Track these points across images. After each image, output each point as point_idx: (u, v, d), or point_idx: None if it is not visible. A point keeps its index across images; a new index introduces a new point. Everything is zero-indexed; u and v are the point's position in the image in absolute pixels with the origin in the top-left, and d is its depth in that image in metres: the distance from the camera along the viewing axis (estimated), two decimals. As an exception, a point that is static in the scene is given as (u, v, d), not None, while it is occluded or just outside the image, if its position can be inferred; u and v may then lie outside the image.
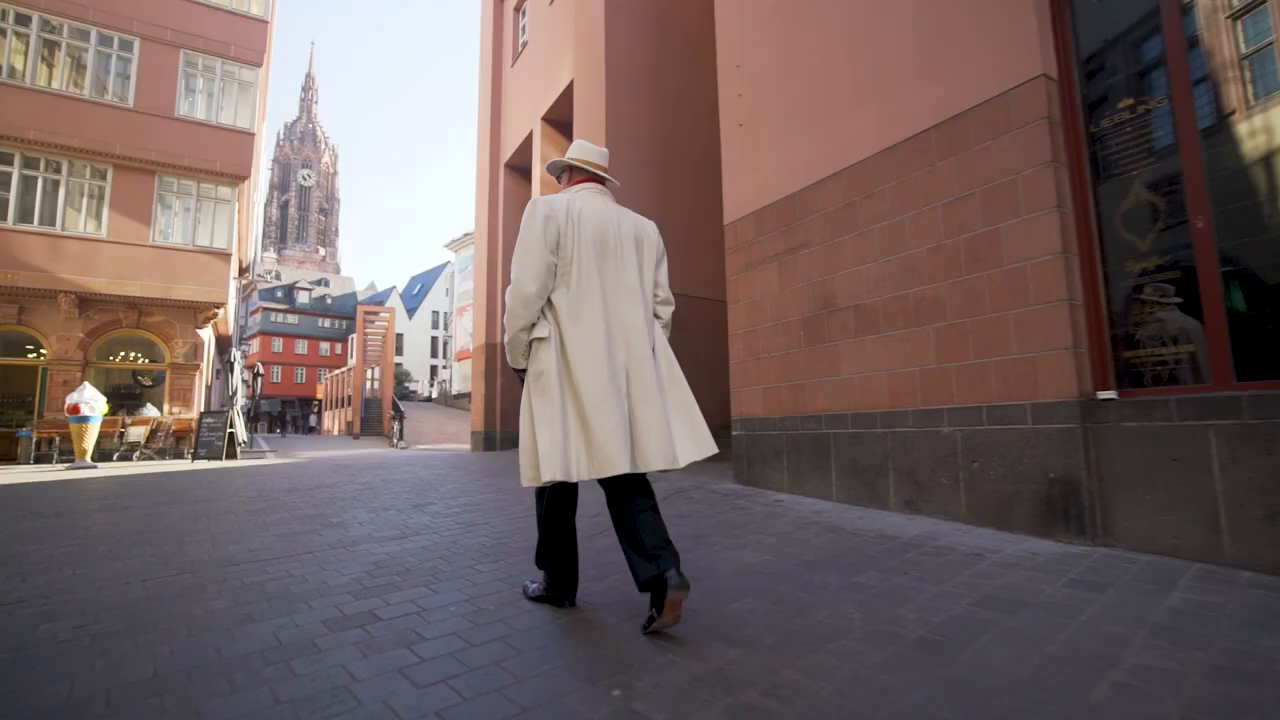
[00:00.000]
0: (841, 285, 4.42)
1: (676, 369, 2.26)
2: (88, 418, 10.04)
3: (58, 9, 12.68)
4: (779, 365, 4.91)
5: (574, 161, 2.32)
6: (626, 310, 2.14)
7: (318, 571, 2.91)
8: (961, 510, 3.51)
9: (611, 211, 2.24)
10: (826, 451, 4.43)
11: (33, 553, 3.49)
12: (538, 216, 2.08)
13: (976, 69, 3.58)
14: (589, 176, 2.32)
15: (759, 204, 5.23)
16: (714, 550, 3.14)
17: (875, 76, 4.26)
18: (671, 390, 2.20)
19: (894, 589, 2.42)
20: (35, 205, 12.32)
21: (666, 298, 2.35)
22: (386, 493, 5.62)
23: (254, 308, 53.90)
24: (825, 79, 4.68)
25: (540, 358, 2.08)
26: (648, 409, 2.07)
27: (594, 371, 2.02)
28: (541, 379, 2.06)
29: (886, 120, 4.16)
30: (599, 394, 2.00)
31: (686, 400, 2.22)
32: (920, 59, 3.95)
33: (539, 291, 2.06)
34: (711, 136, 9.04)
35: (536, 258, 2.05)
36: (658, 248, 2.34)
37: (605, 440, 1.97)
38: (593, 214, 2.17)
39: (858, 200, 4.34)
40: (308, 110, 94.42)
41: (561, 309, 2.08)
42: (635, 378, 2.09)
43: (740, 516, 3.94)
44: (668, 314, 2.36)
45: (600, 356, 2.04)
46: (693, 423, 2.20)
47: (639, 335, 2.13)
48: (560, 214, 2.10)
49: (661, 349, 2.25)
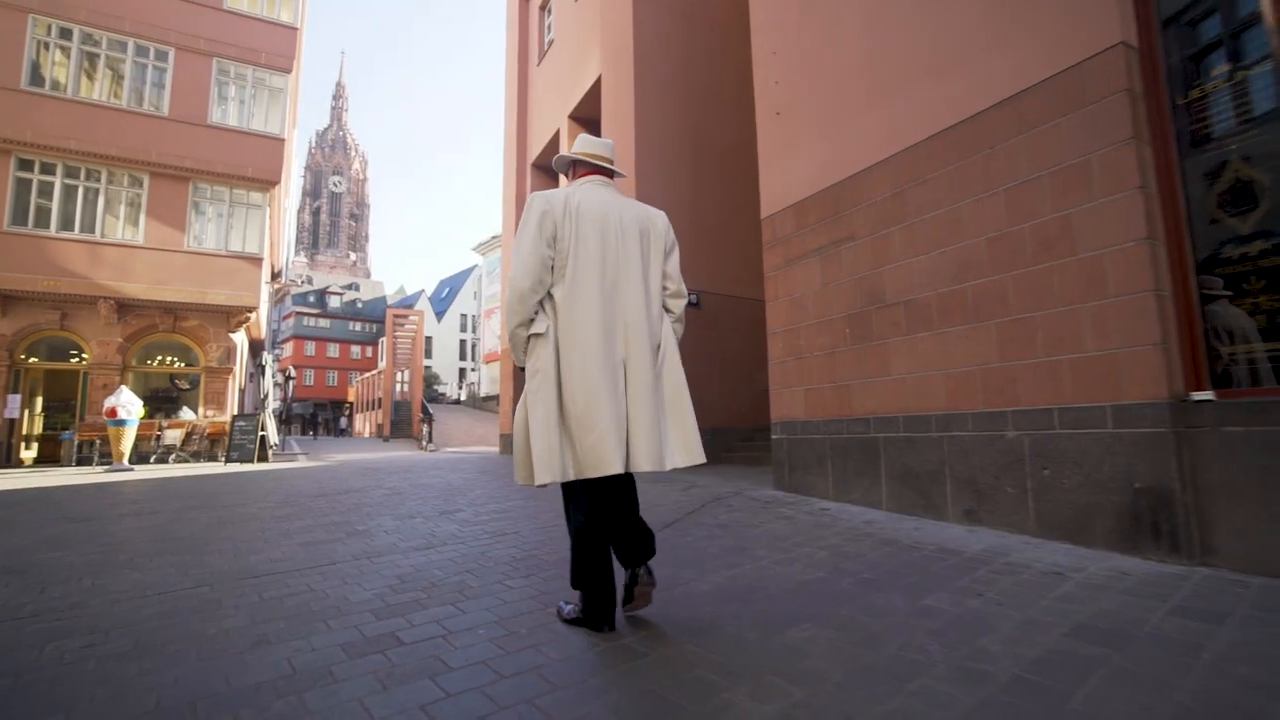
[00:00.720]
0: (891, 279, 4.14)
1: (679, 370, 2.18)
2: (125, 421, 10.18)
3: (97, 21, 12.95)
4: (822, 365, 4.64)
5: (578, 155, 2.28)
6: (627, 303, 2.08)
7: (339, 586, 2.75)
8: (1030, 522, 3.21)
9: (614, 202, 2.17)
10: (875, 457, 4.15)
11: (56, 561, 3.41)
12: (534, 211, 2.05)
13: (1044, 40, 3.28)
14: (593, 169, 2.27)
15: (798, 196, 4.96)
16: (761, 565, 2.89)
17: (926, 56, 3.98)
18: (670, 391, 2.13)
19: (970, 615, 2.15)
20: (76, 213, 12.59)
21: (678, 290, 2.25)
22: (414, 498, 5.49)
23: (287, 312, 55.06)
24: (871, 61, 4.41)
25: (537, 354, 2.03)
26: (638, 407, 2.02)
27: (589, 367, 1.97)
28: (538, 375, 2.01)
29: (940, 102, 3.87)
30: (592, 390, 1.95)
31: (683, 404, 2.14)
32: (978, 33, 3.66)
33: (533, 286, 2.01)
34: (743, 128, 8.79)
35: (530, 253, 2.01)
36: (666, 238, 2.25)
37: (598, 439, 1.92)
38: (593, 206, 2.11)
39: (908, 188, 4.06)
40: (338, 118, 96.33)
41: (560, 303, 2.03)
42: (632, 373, 2.04)
43: (785, 527, 3.69)
44: (679, 307, 2.27)
45: (596, 351, 1.99)
46: (685, 428, 2.12)
47: (639, 329, 2.07)
48: (557, 208, 2.05)
49: (669, 347, 2.18)
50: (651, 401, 2.04)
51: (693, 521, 3.96)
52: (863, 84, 4.46)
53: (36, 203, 12.40)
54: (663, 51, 8.39)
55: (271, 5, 14.65)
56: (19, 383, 12.45)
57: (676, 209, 8.01)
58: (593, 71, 9.81)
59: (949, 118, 3.79)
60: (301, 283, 59.67)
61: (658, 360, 2.12)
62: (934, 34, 3.94)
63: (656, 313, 2.16)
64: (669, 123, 8.25)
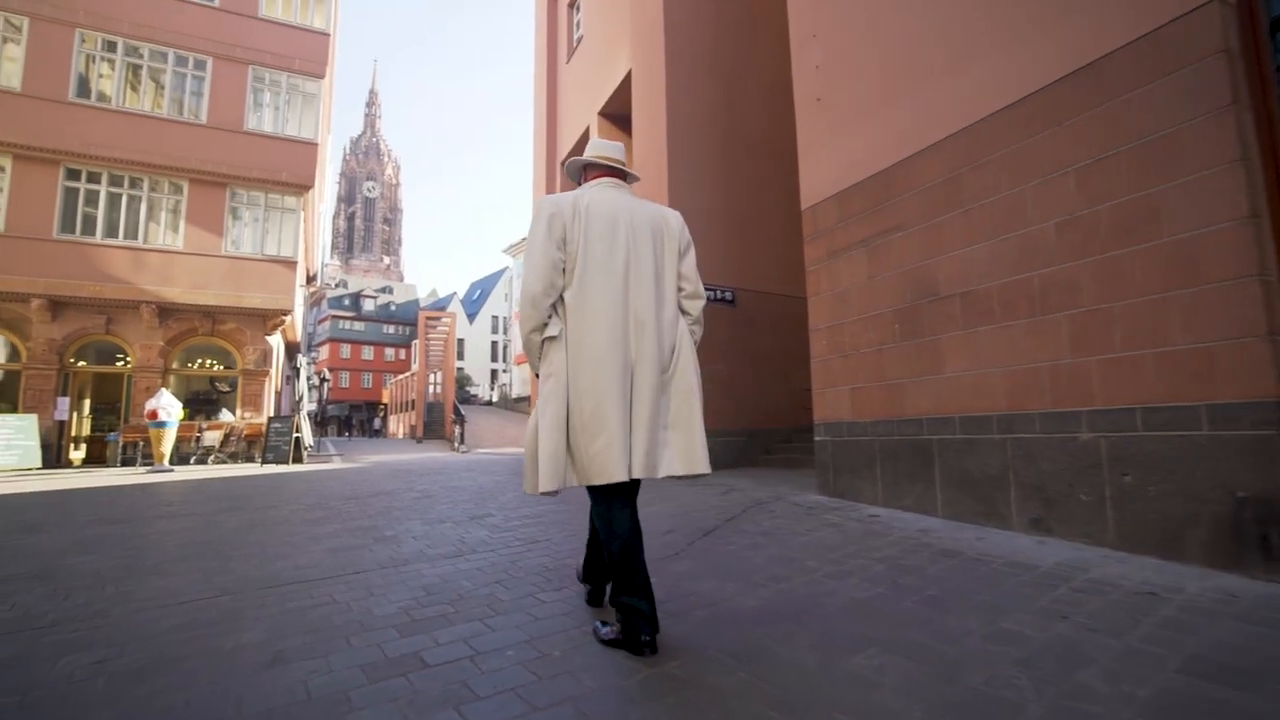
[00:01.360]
0: (944, 271, 3.86)
1: (692, 375, 2.09)
2: (165, 423, 10.36)
3: (140, 34, 13.28)
4: (870, 363, 4.38)
5: (588, 159, 2.23)
6: (638, 305, 2.02)
7: (364, 597, 2.61)
8: (1109, 533, 2.91)
9: (625, 203, 2.12)
10: (929, 460, 3.88)
11: (84, 565, 3.36)
12: (543, 214, 2.01)
13: (1126, 1, 2.98)
14: (604, 171, 2.22)
15: (841, 185, 4.70)
16: (812, 579, 2.67)
17: (982, 29, 3.70)
18: (678, 396, 2.06)
19: (1059, 642, 1.90)
20: (120, 221, 12.92)
21: (694, 290, 2.18)
22: (444, 501, 5.38)
23: (323, 315, 56.27)
24: (919, 39, 4.14)
25: (551, 358, 2.00)
26: (640, 411, 1.96)
27: (597, 370, 1.93)
28: (551, 379, 1.97)
29: (997, 78, 3.59)
30: (601, 395, 1.91)
31: (689, 410, 2.05)
32: (1042, 1, 3.37)
33: (545, 290, 1.98)
34: (778, 120, 8.52)
35: (541, 256, 1.97)
36: (680, 238, 2.19)
37: (604, 446, 1.88)
38: (603, 206, 2.06)
39: (963, 173, 3.78)
40: (371, 125, 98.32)
41: (570, 306, 1.99)
42: (639, 377, 1.99)
43: (834, 535, 3.44)
44: (697, 309, 2.19)
45: (604, 355, 1.94)
46: (689, 435, 2.03)
47: (649, 332, 2.01)
48: (566, 210, 2.02)
49: (683, 350, 2.10)
50: (652, 406, 1.97)
51: (734, 529, 3.74)
52: (910, 66, 4.19)
53: (83, 211, 12.76)
54: (694, 43, 8.18)
55: (305, 12, 14.86)
56: (68, 386, 12.82)
57: (709, 204, 7.79)
58: (622, 67, 9.65)
59: (1010, 94, 3.50)
60: (336, 286, 60.96)
61: (670, 364, 2.06)
62: (989, 9, 3.65)
63: (670, 315, 2.09)
64: (701, 116, 8.03)
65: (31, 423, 11.58)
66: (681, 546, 3.33)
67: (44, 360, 12.39)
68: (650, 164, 8.06)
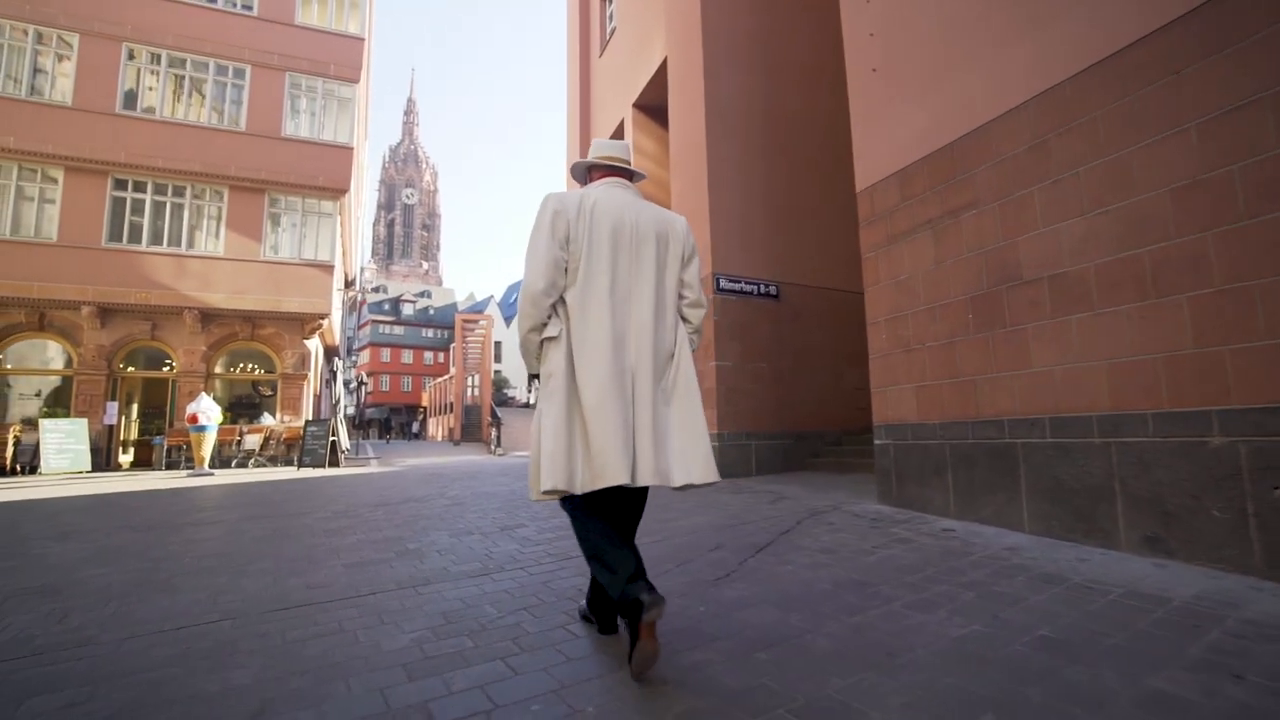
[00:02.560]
0: (1029, 251, 3.39)
1: (692, 382, 2.05)
2: (205, 427, 10.43)
3: (183, 45, 13.54)
4: (938, 358, 3.92)
5: (593, 160, 2.18)
6: (639, 308, 1.99)
7: (375, 625, 2.31)
8: (1255, 559, 2.42)
9: (631, 204, 2.07)
10: (1013, 467, 3.41)
11: (97, 579, 3.17)
12: (547, 211, 1.96)
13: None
14: (609, 171, 2.17)
15: (902, 162, 4.26)
16: (892, 611, 2.25)
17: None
18: (680, 404, 2.01)
19: (1242, 715, 1.46)
20: (164, 228, 13.17)
21: (696, 299, 2.13)
22: (474, 509, 5.10)
23: (364, 320, 57.48)
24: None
25: (550, 359, 1.95)
26: (642, 417, 1.92)
27: (598, 372, 1.89)
28: (550, 381, 1.92)
29: (1091, 29, 3.12)
30: (600, 396, 1.87)
31: (692, 418, 2.01)
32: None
33: (546, 289, 1.92)
34: (824, 102, 8.06)
35: (544, 253, 1.92)
36: (685, 245, 2.13)
37: (603, 447, 1.82)
38: (609, 206, 2.01)
39: (1050, 138, 3.31)
40: (409, 133, 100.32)
41: (572, 306, 1.95)
42: (638, 381, 1.95)
43: (907, 554, 3.01)
44: (698, 318, 2.14)
45: (605, 356, 1.90)
46: (694, 443, 1.99)
47: (647, 337, 1.97)
48: (571, 208, 1.97)
49: (682, 357, 2.06)
50: (653, 413, 1.93)
51: (790, 544, 3.34)
52: (981, 23, 3.73)
53: (130, 220, 13.04)
54: (732, 22, 7.76)
55: (340, 17, 14.95)
56: (116, 390, 13.11)
57: (750, 193, 7.38)
58: (657, 55, 9.30)
59: (1110, 43, 3.02)
60: (376, 291, 62.24)
61: (669, 371, 2.03)
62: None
63: (670, 321, 2.06)
64: (740, 100, 7.61)
65: (82, 427, 11.84)
66: (732, 566, 2.95)
67: (93, 366, 12.69)
68: (688, 153, 7.69)
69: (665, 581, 2.73)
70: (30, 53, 12.77)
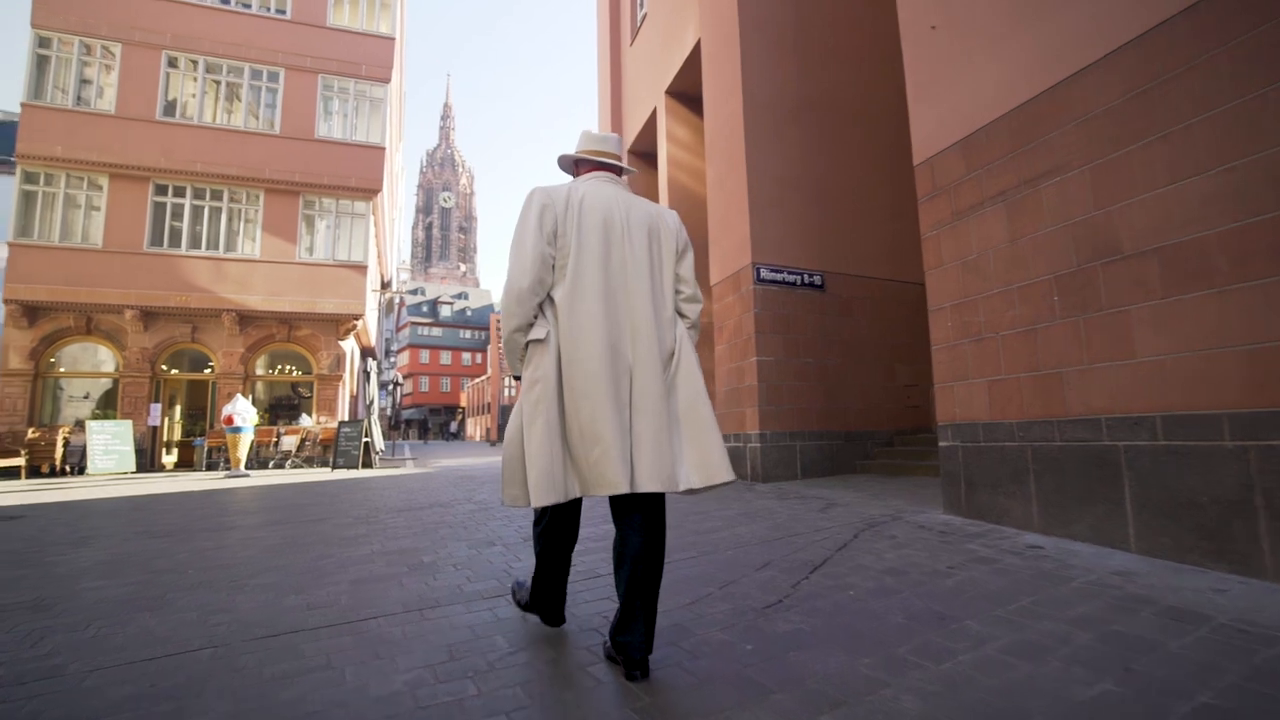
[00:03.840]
0: (1130, 220, 2.89)
1: (696, 379, 1.95)
2: (240, 428, 10.45)
3: (219, 50, 13.72)
4: (1015, 347, 3.43)
5: (580, 154, 2.09)
6: (634, 307, 1.91)
7: (367, 660, 1.98)
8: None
9: (620, 199, 2.00)
10: (1114, 474, 2.91)
11: (92, 593, 2.96)
12: (533, 205, 1.90)
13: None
14: (597, 166, 2.09)
15: (968, 128, 3.77)
16: (987, 657, 1.82)
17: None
18: (685, 402, 1.91)
19: None
20: (203, 232, 13.34)
21: (692, 294, 2.06)
22: (500, 516, 4.79)
23: (402, 323, 58.45)
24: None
25: (535, 361, 1.85)
26: (644, 420, 1.83)
27: (591, 374, 1.81)
28: (538, 385, 1.83)
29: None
30: (597, 401, 1.79)
31: (700, 417, 1.90)
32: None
33: (532, 287, 1.84)
34: (870, 77, 7.54)
35: (530, 249, 1.85)
36: (678, 239, 2.05)
37: (601, 455, 1.76)
38: (597, 201, 1.95)
39: (1153, 86, 2.80)
40: (446, 137, 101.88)
41: (560, 306, 1.86)
42: (638, 384, 1.86)
43: (993, 577, 2.56)
44: (694, 313, 2.06)
45: (600, 358, 1.82)
46: (704, 443, 1.88)
47: (647, 336, 1.89)
48: (559, 203, 1.90)
49: (684, 354, 1.97)
50: (660, 415, 1.84)
51: (849, 562, 2.91)
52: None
53: (170, 224, 13.25)
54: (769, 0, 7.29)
55: (371, 18, 14.96)
56: (159, 392, 13.33)
57: (793, 178, 6.92)
58: (690, 38, 8.90)
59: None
60: (415, 294, 63.22)
61: (670, 369, 1.93)
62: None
63: (668, 318, 1.97)
64: (779, 80, 7.14)
65: (127, 428, 12.05)
66: (784, 590, 2.54)
67: (137, 368, 12.92)
68: (724, 137, 7.26)
69: (706, 609, 2.35)
70: (76, 63, 13.07)
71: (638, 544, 1.82)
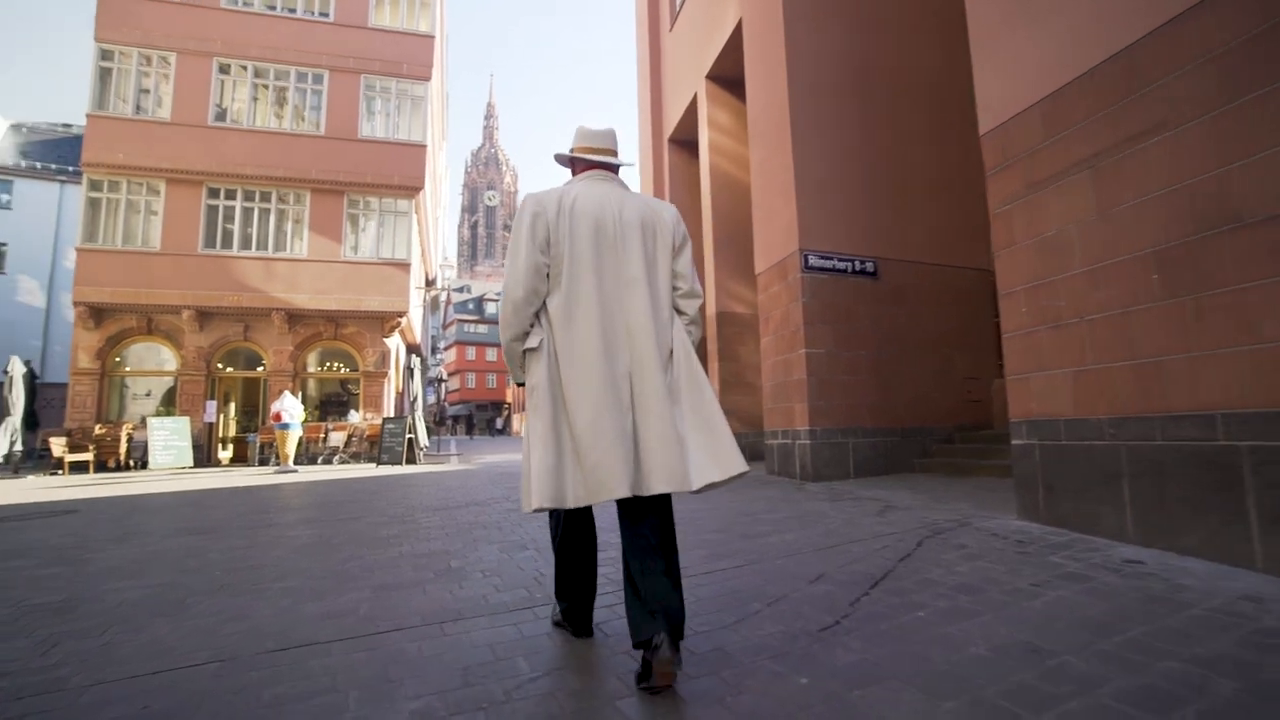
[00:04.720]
0: (1250, 182, 2.46)
1: (699, 374, 1.91)
2: (288, 425, 10.65)
3: (267, 55, 14.06)
4: (1105, 333, 3.02)
5: (573, 153, 2.05)
6: (629, 307, 1.86)
7: (375, 683, 1.79)
8: None
9: (613, 197, 1.94)
10: (1233, 480, 2.49)
11: (114, 595, 2.89)
12: (525, 214, 1.87)
13: None
14: (591, 164, 2.04)
15: (1048, 86, 3.36)
16: (1105, 708, 1.48)
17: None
18: (691, 398, 1.86)
19: None
20: (253, 233, 13.69)
21: (690, 290, 2.00)
22: (537, 517, 4.60)
23: (449, 320, 59.55)
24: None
25: (532, 370, 1.86)
26: (649, 420, 1.78)
27: (587, 381, 1.78)
28: (535, 393, 1.83)
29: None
30: (593, 407, 1.76)
31: (707, 411, 1.85)
32: None
33: (527, 296, 1.83)
34: (925, 52, 7.06)
35: (523, 260, 1.83)
36: (675, 233, 1.99)
37: (598, 461, 1.72)
38: (589, 202, 1.90)
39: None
40: (489, 136, 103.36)
41: (555, 313, 1.84)
42: (640, 385, 1.82)
43: (1090, 600, 2.19)
44: (693, 309, 2.00)
45: (595, 363, 1.79)
46: (715, 437, 1.83)
47: (645, 336, 1.84)
48: (550, 209, 1.87)
49: (682, 351, 1.92)
50: (665, 415, 1.80)
51: (915, 576, 2.58)
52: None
53: (222, 226, 13.63)
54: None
55: (410, 17, 15.08)
56: (215, 390, 13.76)
57: (842, 160, 6.52)
58: (731, 19, 8.54)
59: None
60: (460, 291, 64.33)
61: (671, 368, 1.89)
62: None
63: (666, 316, 1.93)
64: (826, 57, 6.73)
65: (185, 425, 12.47)
66: (842, 609, 2.24)
67: (194, 367, 13.36)
68: (768, 119, 6.90)
69: (752, 630, 2.08)
70: (135, 74, 13.57)
71: (653, 544, 1.75)
